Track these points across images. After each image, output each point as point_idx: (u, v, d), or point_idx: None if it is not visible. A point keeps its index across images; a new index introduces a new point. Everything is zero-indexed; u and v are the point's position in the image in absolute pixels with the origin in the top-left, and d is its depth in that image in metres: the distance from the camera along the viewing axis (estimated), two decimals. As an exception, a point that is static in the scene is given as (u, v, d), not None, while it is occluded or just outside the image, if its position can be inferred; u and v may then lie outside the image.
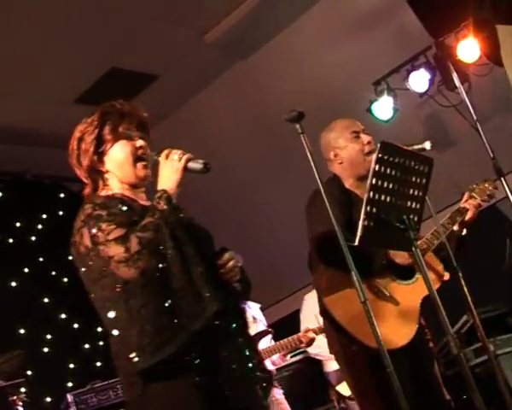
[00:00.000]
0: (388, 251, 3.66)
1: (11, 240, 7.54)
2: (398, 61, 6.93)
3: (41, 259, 7.61)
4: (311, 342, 5.49)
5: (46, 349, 7.17)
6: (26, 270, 7.47)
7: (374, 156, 3.07)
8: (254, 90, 7.61)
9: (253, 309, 5.81)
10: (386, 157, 3.06)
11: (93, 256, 2.61)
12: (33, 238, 7.69)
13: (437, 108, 7.12)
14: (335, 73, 7.22)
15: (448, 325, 2.98)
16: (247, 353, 2.73)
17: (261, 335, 5.52)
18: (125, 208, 2.69)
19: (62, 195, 8.04)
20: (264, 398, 2.78)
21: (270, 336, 5.64)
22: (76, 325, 7.47)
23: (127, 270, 2.53)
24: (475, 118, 5.54)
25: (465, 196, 4.07)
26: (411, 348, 3.54)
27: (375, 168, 3.04)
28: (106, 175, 2.85)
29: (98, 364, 7.41)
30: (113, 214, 2.64)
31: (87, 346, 7.47)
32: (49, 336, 7.22)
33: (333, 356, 3.87)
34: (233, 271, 2.77)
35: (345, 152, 3.91)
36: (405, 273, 3.72)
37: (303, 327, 5.69)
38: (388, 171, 3.08)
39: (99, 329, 7.58)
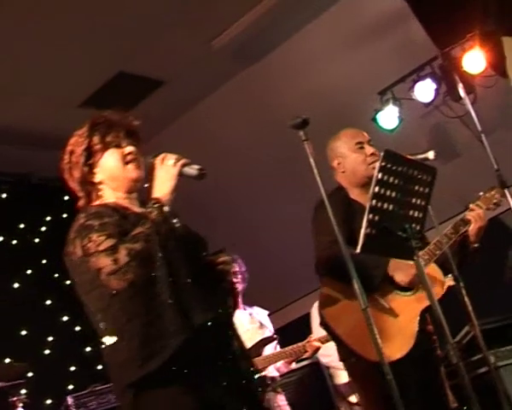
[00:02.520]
0: (388, 269, 3.67)
1: (15, 241, 7.56)
2: (404, 71, 6.94)
3: (44, 261, 7.62)
4: (315, 351, 5.49)
5: (48, 351, 7.18)
6: (29, 271, 7.49)
7: (377, 164, 3.08)
8: (260, 96, 7.63)
9: (260, 315, 5.84)
10: (389, 166, 3.07)
11: (84, 267, 2.61)
12: (37, 240, 7.71)
13: (442, 118, 7.13)
14: (341, 82, 7.23)
15: (449, 334, 2.98)
16: (239, 358, 2.76)
17: (266, 341, 5.54)
18: (117, 217, 2.69)
19: (67, 197, 8.02)
20: (259, 402, 2.80)
21: (275, 343, 5.66)
22: (78, 328, 7.47)
23: (116, 281, 2.52)
24: (480, 129, 5.55)
25: (470, 206, 4.05)
26: (417, 356, 3.56)
27: (378, 176, 3.05)
28: (99, 186, 2.87)
29: (99, 367, 7.41)
30: (105, 224, 2.64)
31: (88, 349, 7.46)
32: (50, 338, 7.24)
33: (342, 365, 3.90)
34: (226, 267, 2.81)
35: (348, 161, 3.96)
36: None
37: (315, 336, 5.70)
38: (391, 179, 3.09)
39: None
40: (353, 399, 5.78)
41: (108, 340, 2.61)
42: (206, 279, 2.75)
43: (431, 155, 3.75)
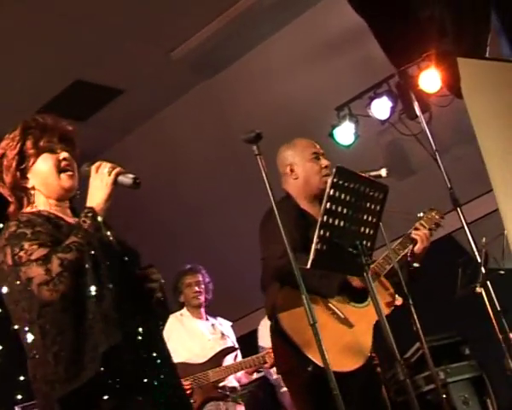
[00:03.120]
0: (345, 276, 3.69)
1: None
2: (361, 88, 6.98)
3: (-5, 268, 7.51)
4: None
5: (-4, 360, 7.07)
6: (-20, 279, 7.37)
7: (329, 181, 3.10)
8: (218, 109, 7.65)
9: (223, 326, 5.85)
10: (341, 182, 3.09)
11: (14, 277, 2.57)
12: (-12, 247, 7.59)
13: (397, 136, 7.18)
14: (299, 97, 7.26)
15: (396, 351, 3.00)
16: (167, 378, 2.71)
17: (227, 351, 5.54)
18: (50, 227, 2.64)
19: (21, 205, 7.95)
20: None
21: (235, 353, 5.66)
22: (28, 337, 7.37)
23: (48, 293, 2.47)
24: (434, 148, 5.64)
25: (416, 225, 4.10)
26: (359, 373, 3.56)
27: (329, 193, 3.06)
28: (31, 192, 2.79)
29: (49, 377, 7.32)
30: (38, 233, 2.59)
31: (39, 358, 7.36)
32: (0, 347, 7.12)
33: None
34: (154, 284, 2.78)
35: (301, 169, 3.94)
36: (359, 295, 3.74)
37: (261, 351, 5.71)
38: (343, 196, 3.11)
39: (51, 342, 7.49)
40: None
41: (35, 353, 2.56)
42: (138, 293, 2.73)
43: (383, 172, 3.78)
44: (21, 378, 7.12)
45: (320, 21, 7.01)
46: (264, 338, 5.78)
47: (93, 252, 2.55)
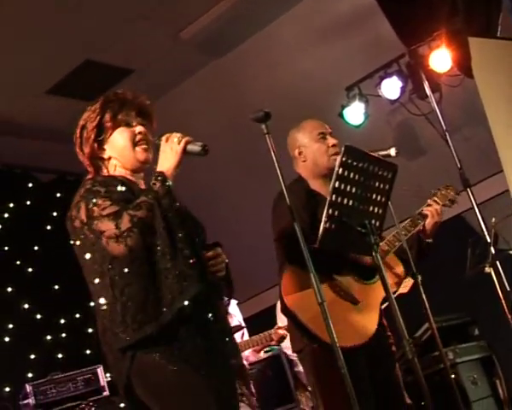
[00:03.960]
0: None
1: (-24, 227, 7.48)
2: (372, 68, 6.96)
3: (6, 248, 7.54)
4: (281, 339, 5.51)
5: (7, 339, 7.11)
6: (-10, 258, 7.42)
7: (338, 160, 3.10)
8: (228, 89, 7.62)
9: (229, 305, 5.86)
10: (350, 161, 3.09)
11: (86, 230, 2.70)
12: (-1, 227, 7.64)
13: (408, 116, 7.16)
14: (309, 77, 7.24)
15: (404, 329, 3.00)
16: (225, 345, 2.85)
17: (233, 330, 5.56)
18: (123, 189, 2.77)
19: (31, 185, 7.98)
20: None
21: (242, 332, 5.67)
22: (38, 316, 7.42)
23: (116, 246, 2.61)
24: (445, 128, 5.62)
25: (428, 201, 4.09)
26: (373, 351, 3.57)
27: (338, 172, 3.06)
28: (107, 162, 2.94)
29: (59, 356, 7.38)
30: (111, 191, 2.73)
31: (49, 337, 7.41)
32: (10, 326, 7.17)
33: None
34: (220, 266, 2.90)
35: (309, 151, 3.95)
36: (366, 272, 3.75)
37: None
38: (352, 175, 3.11)
39: (62, 321, 7.56)
40: None
41: (105, 304, 2.67)
42: (203, 263, 2.83)
43: (393, 151, 3.76)
44: (32, 357, 7.21)
45: (330, 1, 6.98)
46: (282, 317, 5.81)
47: (166, 214, 2.67)
